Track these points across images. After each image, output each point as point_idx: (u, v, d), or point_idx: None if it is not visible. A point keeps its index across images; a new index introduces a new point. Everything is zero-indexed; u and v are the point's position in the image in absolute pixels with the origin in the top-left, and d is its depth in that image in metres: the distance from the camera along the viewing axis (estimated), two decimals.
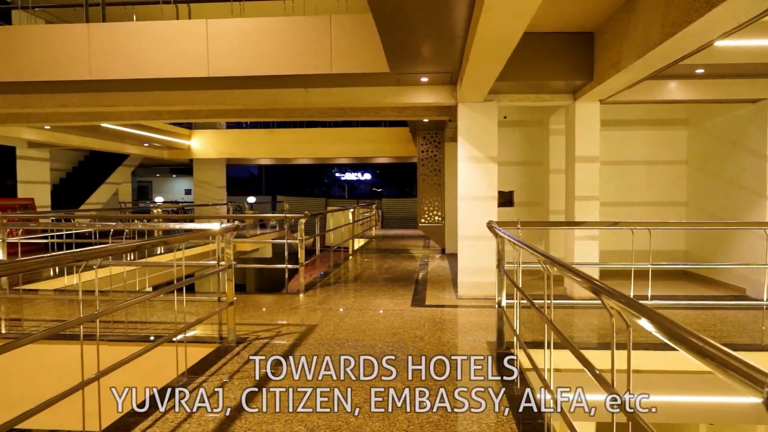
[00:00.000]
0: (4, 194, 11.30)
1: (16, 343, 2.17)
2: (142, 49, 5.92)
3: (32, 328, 4.92)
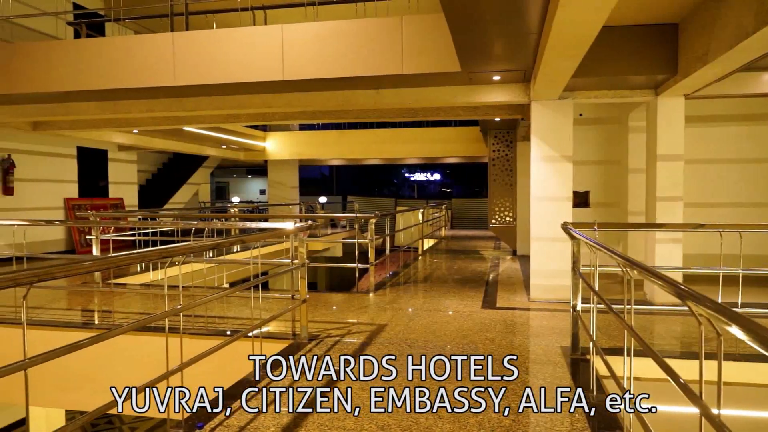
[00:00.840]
0: (98, 194, 12.14)
1: (109, 334, 2.33)
2: (221, 55, 6.18)
3: (121, 319, 5.25)
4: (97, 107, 7.41)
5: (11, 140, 9.66)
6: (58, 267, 2.15)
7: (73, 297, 6.33)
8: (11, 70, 6.65)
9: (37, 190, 10.34)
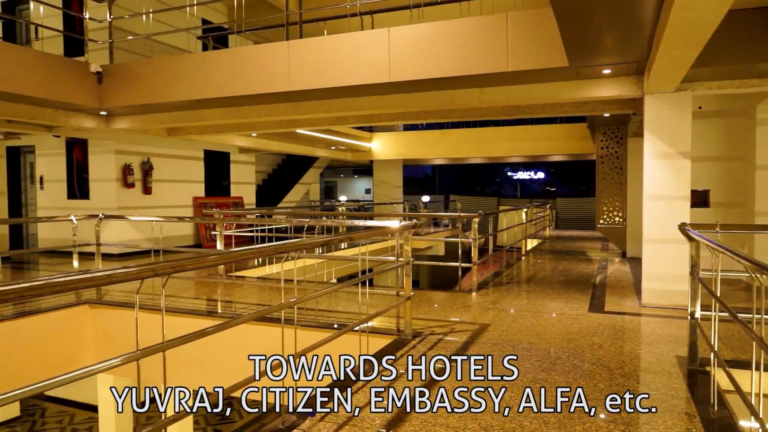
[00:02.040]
0: (221, 193, 13.15)
1: (232, 323, 2.57)
2: (332, 60, 6.47)
3: (241, 309, 5.69)
4: (222, 113, 8.05)
5: (150, 145, 10.75)
6: (189, 260, 2.42)
7: (200, 287, 6.94)
8: (151, 83, 7.42)
9: (171, 189, 11.41)
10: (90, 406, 9.38)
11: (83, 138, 10.23)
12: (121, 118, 8.71)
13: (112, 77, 7.72)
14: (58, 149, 10.62)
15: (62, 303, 5.64)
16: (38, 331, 5.41)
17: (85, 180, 10.40)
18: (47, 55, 7.45)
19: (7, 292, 1.60)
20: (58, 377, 1.73)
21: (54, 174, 10.74)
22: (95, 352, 5.88)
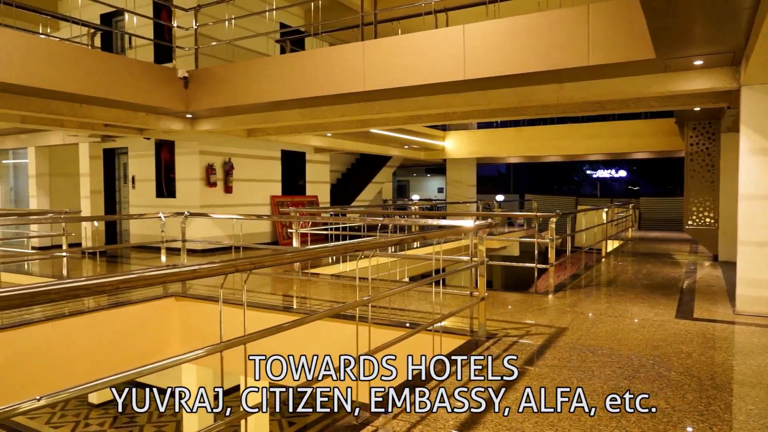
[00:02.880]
0: (297, 192, 13.53)
1: (308, 318, 2.63)
2: (405, 59, 6.48)
3: (316, 305, 5.82)
4: (298, 114, 8.27)
5: (231, 146, 11.22)
6: (268, 257, 2.50)
7: (276, 283, 7.16)
8: (232, 86, 7.74)
9: (250, 188, 11.86)
10: None
11: (170, 140, 10.84)
12: (204, 120, 9.14)
13: (197, 81, 8.12)
14: (148, 151, 11.30)
15: (151, 295, 6.00)
16: (129, 320, 5.78)
17: (172, 179, 11.00)
18: (140, 63, 7.94)
19: (105, 284, 1.72)
20: (149, 365, 1.83)
21: (144, 174, 11.44)
22: (180, 342, 6.21)
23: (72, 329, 5.29)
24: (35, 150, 12.81)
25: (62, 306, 5.37)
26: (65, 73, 6.64)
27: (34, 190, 13.02)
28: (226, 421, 2.03)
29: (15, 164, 14.70)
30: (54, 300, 1.65)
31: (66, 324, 5.25)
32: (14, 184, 14.79)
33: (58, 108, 7.48)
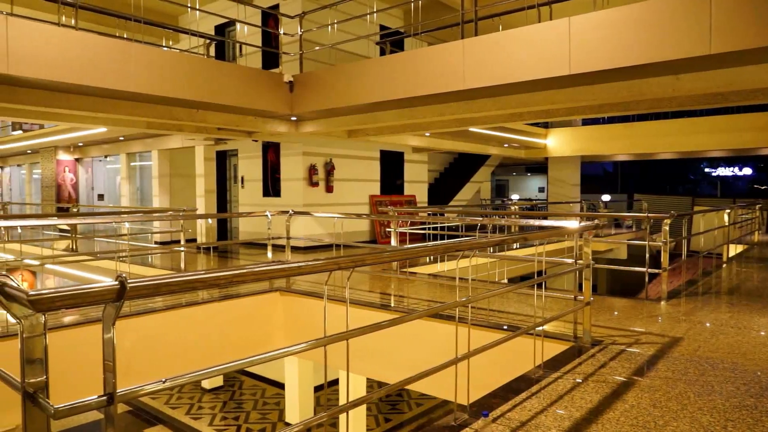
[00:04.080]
0: (395, 191, 13.68)
1: (407, 317, 2.64)
2: (506, 56, 6.33)
3: (413, 305, 5.85)
4: (397, 114, 8.35)
5: (332, 147, 11.58)
6: (369, 255, 2.54)
7: (374, 281, 7.28)
8: (334, 88, 7.97)
9: (350, 188, 12.18)
10: (277, 383, 10.40)
11: (276, 141, 11.37)
12: (308, 123, 9.49)
13: (301, 85, 8.45)
14: (256, 152, 11.94)
15: (258, 289, 6.32)
16: (238, 312, 6.14)
17: (277, 179, 11.54)
18: (249, 69, 8.40)
19: (220, 278, 1.83)
20: (257, 356, 1.92)
21: (252, 174, 12.10)
22: (284, 335, 6.49)
23: (187, 318, 5.72)
24: (158, 153, 13.98)
25: (180, 297, 5.81)
26: (185, 81, 7.17)
27: (156, 189, 14.21)
28: (328, 413, 2.09)
29: (141, 166, 16.12)
30: (174, 291, 1.78)
31: (182, 313, 5.68)
32: (140, 184, 16.23)
33: (178, 114, 8.10)
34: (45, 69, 5.95)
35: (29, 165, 21.05)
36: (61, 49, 6.06)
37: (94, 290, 1.45)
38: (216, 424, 9.02)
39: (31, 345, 1.46)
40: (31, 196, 21.02)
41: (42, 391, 1.46)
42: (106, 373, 1.51)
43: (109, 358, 1.50)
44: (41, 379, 1.47)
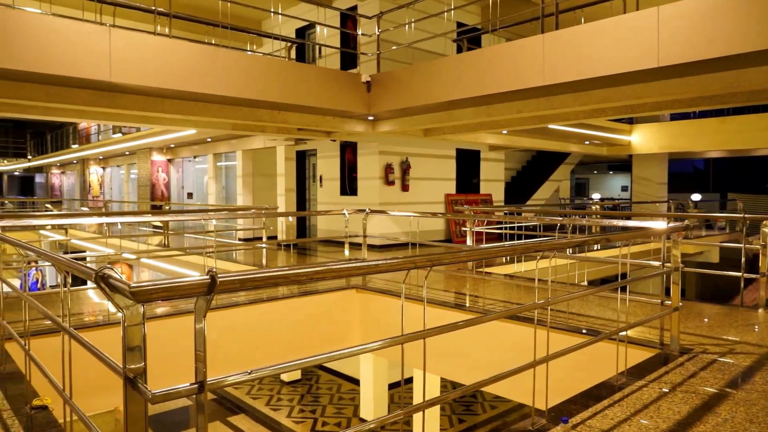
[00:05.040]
0: (471, 190, 13.54)
1: (484, 318, 2.62)
2: (590, 49, 6.10)
3: (489, 305, 5.77)
4: (474, 112, 8.26)
5: (408, 146, 11.63)
6: (446, 255, 2.54)
7: (449, 280, 7.25)
8: (411, 87, 8.00)
9: (425, 187, 12.18)
10: (352, 378, 10.60)
11: (353, 141, 11.56)
12: (384, 122, 9.58)
13: (378, 85, 8.54)
14: (334, 152, 12.20)
15: (335, 286, 6.47)
16: (316, 308, 6.31)
17: (354, 178, 11.74)
18: (328, 70, 8.60)
19: (301, 274, 1.90)
20: (337, 352, 1.98)
21: (330, 173, 12.37)
22: (359, 332, 6.61)
23: (267, 313, 5.94)
24: (242, 153, 14.61)
25: (261, 292, 6.06)
26: (267, 84, 7.45)
27: (240, 188, 14.86)
28: (405, 411, 2.11)
29: (226, 166, 16.91)
30: (259, 286, 1.87)
31: (263, 308, 5.91)
32: (225, 183, 17.03)
33: (261, 115, 8.44)
34: (142, 76, 6.39)
35: (127, 166, 22.64)
36: (157, 56, 6.47)
37: (188, 283, 1.55)
38: (294, 416, 9.33)
39: (131, 333, 1.58)
40: (129, 194, 22.60)
41: (141, 377, 1.58)
42: (198, 362, 1.60)
43: (201, 349, 1.59)
44: (140, 365, 1.59)
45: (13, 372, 3.45)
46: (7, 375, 3.38)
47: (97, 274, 1.58)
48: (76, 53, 5.94)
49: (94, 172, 26.31)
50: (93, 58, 6.04)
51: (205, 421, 1.65)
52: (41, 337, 4.04)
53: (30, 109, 7.76)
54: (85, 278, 1.89)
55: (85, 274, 1.82)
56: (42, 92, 6.57)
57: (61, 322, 2.34)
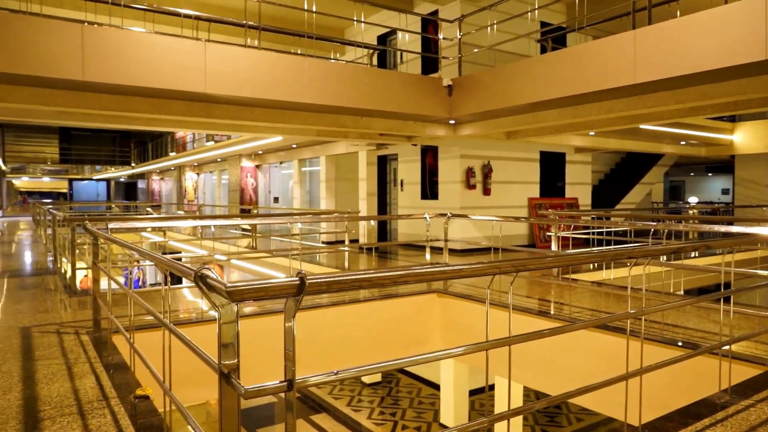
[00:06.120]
0: (555, 194, 13.12)
1: (571, 327, 2.53)
2: (686, 43, 5.74)
3: (575, 313, 5.55)
4: (559, 114, 8.01)
5: (489, 149, 11.47)
6: (531, 260, 2.48)
7: (532, 286, 7.05)
8: (493, 90, 7.89)
9: (508, 190, 11.95)
10: (432, 383, 10.55)
11: (434, 145, 11.55)
12: (466, 125, 9.50)
13: (459, 88, 8.49)
14: (414, 156, 12.25)
15: (416, 290, 6.48)
16: (396, 311, 6.34)
17: (435, 182, 11.72)
18: (409, 76, 8.65)
19: (385, 278, 1.92)
20: (420, 356, 1.98)
21: (411, 177, 12.42)
22: (440, 336, 6.57)
23: (349, 315, 6.05)
24: (325, 158, 14.99)
25: (344, 294, 6.18)
26: (350, 90, 7.62)
27: (323, 192, 15.25)
28: (489, 419, 2.07)
29: (310, 171, 17.43)
30: (344, 289, 1.91)
31: (345, 310, 6.02)
32: (309, 187, 17.55)
33: (344, 121, 8.63)
34: (234, 86, 6.73)
35: (219, 172, 23.89)
36: (247, 67, 6.80)
37: (279, 284, 1.60)
38: (374, 417, 9.42)
39: (226, 330, 1.67)
40: (220, 198, 23.83)
41: (234, 372, 1.66)
42: (287, 361, 1.66)
43: (290, 348, 1.65)
44: (234, 361, 1.67)
45: (119, 363, 3.73)
46: (114, 365, 3.67)
47: (196, 274, 1.68)
48: (175, 67, 6.37)
49: (190, 177, 27.99)
50: (190, 71, 6.44)
51: (294, 419, 1.70)
52: (144, 331, 4.34)
53: (135, 121, 8.39)
54: (184, 277, 2.01)
55: (184, 273, 1.94)
56: (146, 104, 7.09)
57: (162, 318, 2.51)
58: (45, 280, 7.23)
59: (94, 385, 3.26)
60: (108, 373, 3.48)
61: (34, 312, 5.21)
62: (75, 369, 3.55)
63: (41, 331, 4.49)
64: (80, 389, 3.18)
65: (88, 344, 4.12)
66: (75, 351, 3.95)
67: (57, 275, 7.63)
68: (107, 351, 3.96)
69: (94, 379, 3.37)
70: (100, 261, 4.42)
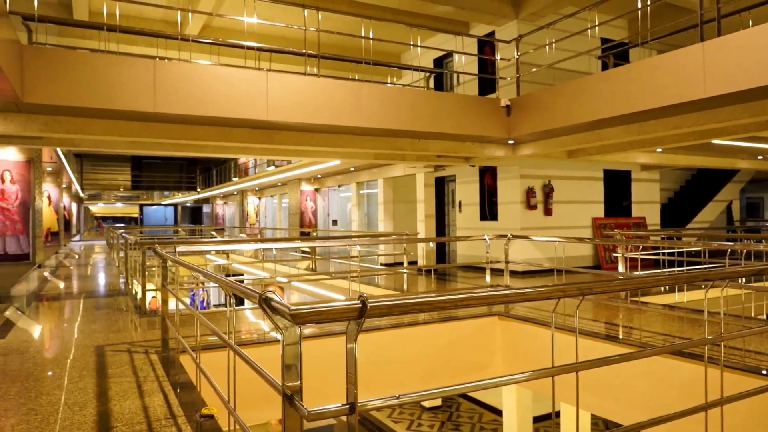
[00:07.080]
0: (621, 213, 12.65)
1: (643, 353, 2.40)
2: (761, 53, 5.45)
3: (646, 338, 5.28)
4: (623, 131, 7.76)
5: (550, 168, 11.23)
6: (598, 283, 2.38)
7: (598, 309, 6.78)
8: (553, 109, 7.75)
9: (570, 210, 11.62)
10: (494, 408, 10.26)
11: (493, 165, 11.43)
12: (525, 145, 9.36)
13: (518, 108, 8.39)
14: (472, 177, 12.15)
15: (477, 313, 6.36)
16: (456, 334, 6.24)
17: (494, 203, 11.56)
18: (466, 97, 8.64)
19: (446, 302, 1.89)
20: (484, 381, 1.93)
21: (469, 198, 12.31)
22: (502, 360, 6.40)
23: (408, 338, 5.99)
24: (383, 181, 15.12)
25: (403, 317, 6.14)
26: (407, 114, 7.68)
27: (381, 215, 15.35)
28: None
29: (368, 194, 17.61)
30: (405, 312, 1.89)
31: (404, 333, 5.97)
32: (367, 210, 17.72)
33: (401, 144, 8.69)
34: (295, 113, 6.93)
35: (279, 195, 24.54)
36: (307, 94, 6.99)
37: (341, 307, 1.61)
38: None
39: (289, 352, 1.68)
40: (281, 222, 24.43)
41: (297, 394, 1.67)
42: (348, 384, 1.65)
43: (352, 371, 1.65)
44: (297, 383, 1.68)
45: (186, 382, 3.84)
46: (180, 384, 3.78)
47: (261, 296, 1.71)
48: (239, 97, 6.63)
49: (251, 202, 28.88)
50: (253, 99, 6.69)
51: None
52: (209, 351, 4.46)
53: (202, 148, 8.77)
54: (249, 300, 2.06)
55: (249, 296, 1.99)
56: (212, 133, 7.41)
57: (227, 339, 2.57)
58: (117, 301, 7.60)
59: (162, 403, 3.37)
60: (175, 392, 3.59)
61: (107, 331, 5.47)
62: (145, 387, 3.69)
63: (114, 350, 4.71)
64: (149, 407, 3.29)
65: (156, 363, 4.27)
66: (144, 369, 4.10)
67: (128, 296, 8.00)
68: (174, 370, 4.09)
69: (162, 397, 3.48)
70: (168, 283, 4.60)
